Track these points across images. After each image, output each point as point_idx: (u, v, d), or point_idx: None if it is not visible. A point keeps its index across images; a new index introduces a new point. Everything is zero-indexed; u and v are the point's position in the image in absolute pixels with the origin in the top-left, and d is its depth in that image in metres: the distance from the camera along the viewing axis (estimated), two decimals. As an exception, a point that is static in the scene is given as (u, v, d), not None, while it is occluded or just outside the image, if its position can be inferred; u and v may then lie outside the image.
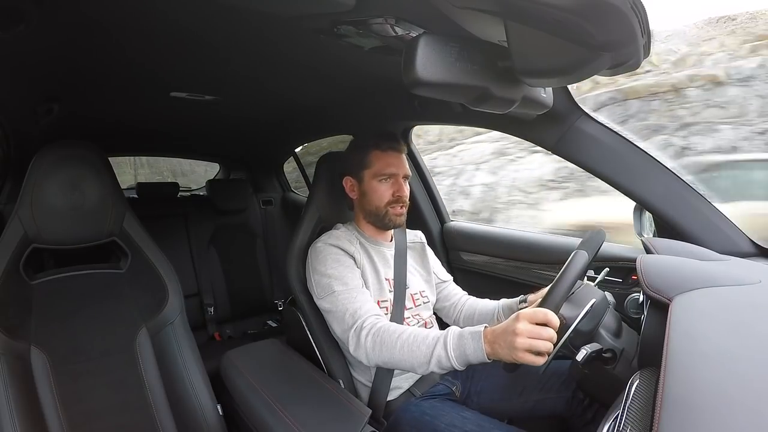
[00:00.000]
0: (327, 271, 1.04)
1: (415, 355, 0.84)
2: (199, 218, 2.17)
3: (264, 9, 0.72)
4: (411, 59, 0.57)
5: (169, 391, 1.04)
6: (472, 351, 0.78)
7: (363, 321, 0.94)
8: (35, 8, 0.68)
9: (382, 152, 1.11)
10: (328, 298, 1.01)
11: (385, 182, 1.11)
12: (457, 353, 0.80)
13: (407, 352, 0.85)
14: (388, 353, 0.87)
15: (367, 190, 1.12)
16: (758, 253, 0.97)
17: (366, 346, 0.90)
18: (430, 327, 1.18)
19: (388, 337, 0.88)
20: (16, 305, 0.95)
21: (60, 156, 1.00)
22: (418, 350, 0.84)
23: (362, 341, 0.91)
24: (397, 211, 1.11)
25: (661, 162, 1.00)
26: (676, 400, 0.42)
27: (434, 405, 1.01)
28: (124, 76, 1.09)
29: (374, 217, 1.13)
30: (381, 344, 0.88)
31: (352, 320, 0.95)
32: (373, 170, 1.11)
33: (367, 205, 1.13)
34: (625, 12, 0.48)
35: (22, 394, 0.88)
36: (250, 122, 1.76)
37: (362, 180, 1.13)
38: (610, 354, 0.78)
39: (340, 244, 1.08)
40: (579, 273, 0.78)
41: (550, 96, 0.83)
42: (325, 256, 1.06)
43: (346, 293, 1.00)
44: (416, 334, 0.86)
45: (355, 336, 0.93)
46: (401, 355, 0.85)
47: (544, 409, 1.04)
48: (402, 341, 0.86)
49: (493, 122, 1.19)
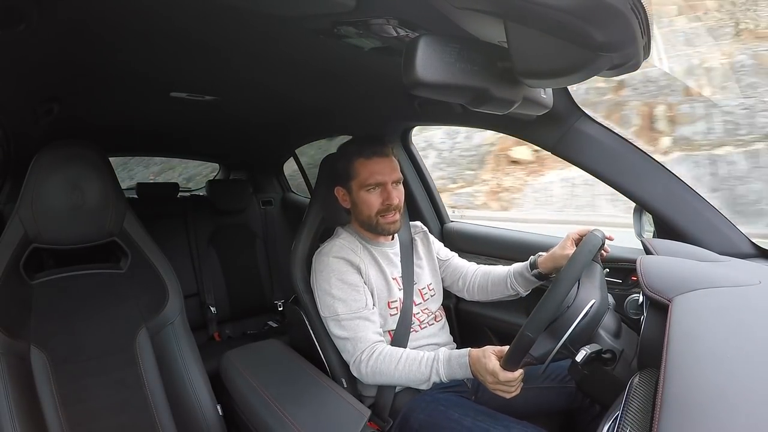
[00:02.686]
0: (331, 290, 1.05)
1: (416, 378, 0.97)
2: (199, 218, 2.17)
3: (264, 9, 0.72)
4: (411, 60, 0.57)
5: (169, 391, 1.04)
6: (462, 376, 0.93)
7: (361, 353, 1.02)
8: (35, 8, 0.68)
9: (367, 159, 1.07)
10: (332, 318, 1.06)
11: (374, 191, 1.08)
12: (447, 373, 0.95)
13: (405, 376, 0.98)
14: (387, 378, 1.00)
15: (356, 201, 1.10)
16: (758, 254, 0.97)
17: (366, 374, 1.01)
18: (440, 320, 1.19)
19: (389, 367, 0.99)
20: (16, 305, 0.95)
21: (60, 156, 1.00)
22: (418, 374, 0.96)
23: (362, 372, 1.01)
24: (388, 219, 1.09)
25: (660, 163, 1.00)
26: (675, 400, 0.42)
27: (449, 397, 1.01)
28: (124, 76, 1.09)
29: (368, 226, 1.12)
30: (379, 373, 0.99)
31: (353, 351, 1.03)
32: (359, 180, 1.08)
33: (359, 215, 1.12)
34: (625, 13, 0.48)
35: (22, 393, 0.88)
36: (250, 122, 1.76)
37: (351, 190, 1.11)
38: (610, 355, 0.78)
39: (344, 256, 1.07)
40: (575, 277, 0.79)
41: (550, 97, 0.83)
42: (329, 274, 1.06)
43: (349, 320, 1.04)
44: (411, 363, 0.98)
45: (355, 367, 1.03)
46: (401, 378, 0.98)
47: (548, 400, 1.05)
48: (401, 367, 0.98)
49: (493, 123, 1.19)
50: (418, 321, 1.14)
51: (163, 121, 1.65)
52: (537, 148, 1.17)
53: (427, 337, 1.14)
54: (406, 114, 1.39)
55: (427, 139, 5.74)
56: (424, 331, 1.14)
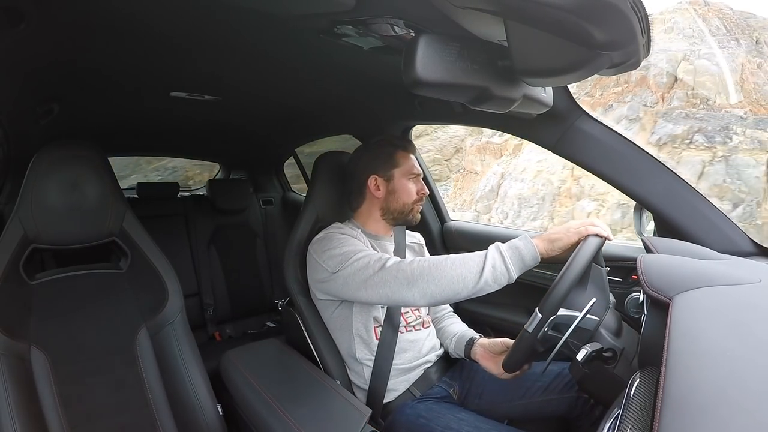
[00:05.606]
0: (338, 245, 1.03)
1: (467, 266, 0.84)
2: (199, 218, 2.17)
3: (264, 9, 0.72)
4: (411, 59, 0.57)
5: (169, 391, 1.04)
6: (524, 247, 0.85)
7: (397, 259, 0.93)
8: (35, 8, 0.68)
9: (407, 153, 1.18)
10: (348, 263, 0.98)
11: (413, 181, 1.16)
12: (510, 253, 0.85)
13: (459, 265, 0.85)
14: (437, 271, 0.85)
15: (397, 188, 1.15)
16: (758, 252, 0.97)
17: (412, 270, 0.87)
18: (428, 327, 1.18)
19: (434, 259, 0.88)
20: (16, 305, 0.95)
21: (60, 156, 1.00)
22: (470, 260, 0.85)
23: (405, 268, 0.88)
24: (419, 207, 1.18)
25: (661, 162, 1.00)
26: (676, 399, 0.42)
27: (430, 407, 1.01)
28: (124, 76, 1.09)
29: (398, 213, 1.16)
30: (429, 265, 0.86)
31: (382, 261, 0.93)
32: (403, 169, 1.15)
33: (393, 203, 1.15)
34: (625, 12, 0.48)
35: (22, 394, 0.88)
36: (250, 122, 1.76)
37: (392, 178, 1.15)
38: (611, 353, 0.78)
39: (343, 231, 1.10)
40: (583, 267, 0.79)
41: (550, 95, 0.83)
42: (331, 239, 1.07)
43: (364, 252, 0.99)
44: (463, 255, 0.88)
45: (394, 267, 0.90)
46: (453, 270, 0.84)
47: (547, 410, 1.04)
48: (451, 259, 0.87)
49: (493, 122, 1.19)
50: (405, 321, 1.13)
51: (163, 121, 1.65)
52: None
53: (412, 341, 1.12)
54: (406, 113, 1.39)
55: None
56: (409, 334, 1.13)
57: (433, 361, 1.16)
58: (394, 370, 1.08)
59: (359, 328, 1.08)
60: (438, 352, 1.18)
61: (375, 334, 1.09)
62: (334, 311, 1.11)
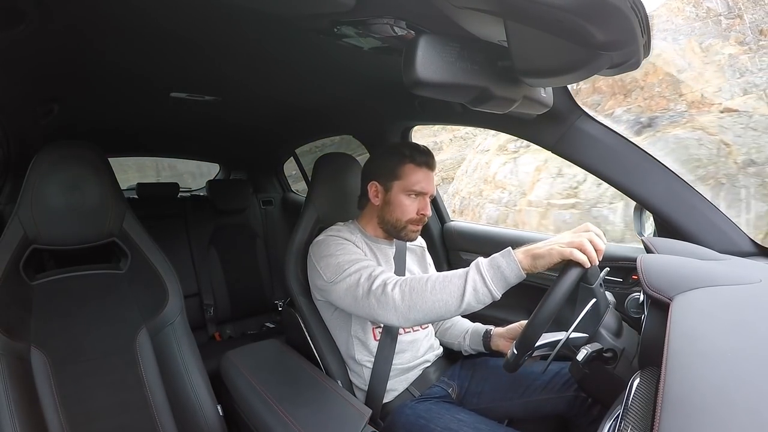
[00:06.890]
0: (335, 253, 1.02)
1: (448, 290, 0.82)
2: (199, 218, 2.17)
3: (264, 9, 0.72)
4: (411, 59, 0.57)
5: (169, 392, 1.04)
6: (506, 265, 0.80)
7: (385, 278, 0.91)
8: (35, 8, 0.68)
9: (417, 167, 1.08)
10: (342, 276, 0.97)
11: (413, 198, 1.08)
12: (491, 273, 0.81)
13: (439, 289, 0.83)
14: (419, 298, 0.84)
15: (392, 201, 1.09)
16: (758, 252, 0.97)
17: (394, 298, 0.87)
18: (426, 328, 1.18)
19: (416, 283, 0.86)
20: (16, 306, 0.95)
21: (60, 156, 1.00)
22: (450, 284, 0.83)
23: (389, 294, 0.87)
24: (415, 228, 1.10)
25: (661, 162, 1.00)
26: (676, 399, 0.42)
27: (429, 407, 1.01)
28: (124, 77, 1.09)
29: (390, 227, 1.11)
30: (410, 291, 0.86)
31: (371, 281, 0.92)
32: (404, 183, 1.08)
33: (387, 215, 1.11)
34: (625, 12, 0.48)
35: (22, 394, 0.88)
36: (251, 122, 1.75)
37: (390, 190, 1.09)
38: (611, 354, 0.78)
39: (342, 235, 1.08)
40: (567, 292, 0.76)
41: (550, 96, 0.83)
42: (329, 244, 1.06)
43: (358, 265, 0.97)
44: (444, 274, 0.86)
45: (379, 292, 0.89)
46: (433, 296, 0.83)
47: (546, 409, 1.04)
48: (432, 282, 0.85)
49: (493, 122, 1.19)
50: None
51: (163, 121, 1.65)
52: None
53: (410, 342, 1.13)
54: (406, 113, 1.39)
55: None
56: (408, 335, 1.13)
57: (431, 360, 1.16)
58: (393, 370, 1.08)
59: (357, 330, 1.09)
60: (436, 352, 1.18)
61: (374, 335, 1.09)
62: (333, 312, 1.11)
